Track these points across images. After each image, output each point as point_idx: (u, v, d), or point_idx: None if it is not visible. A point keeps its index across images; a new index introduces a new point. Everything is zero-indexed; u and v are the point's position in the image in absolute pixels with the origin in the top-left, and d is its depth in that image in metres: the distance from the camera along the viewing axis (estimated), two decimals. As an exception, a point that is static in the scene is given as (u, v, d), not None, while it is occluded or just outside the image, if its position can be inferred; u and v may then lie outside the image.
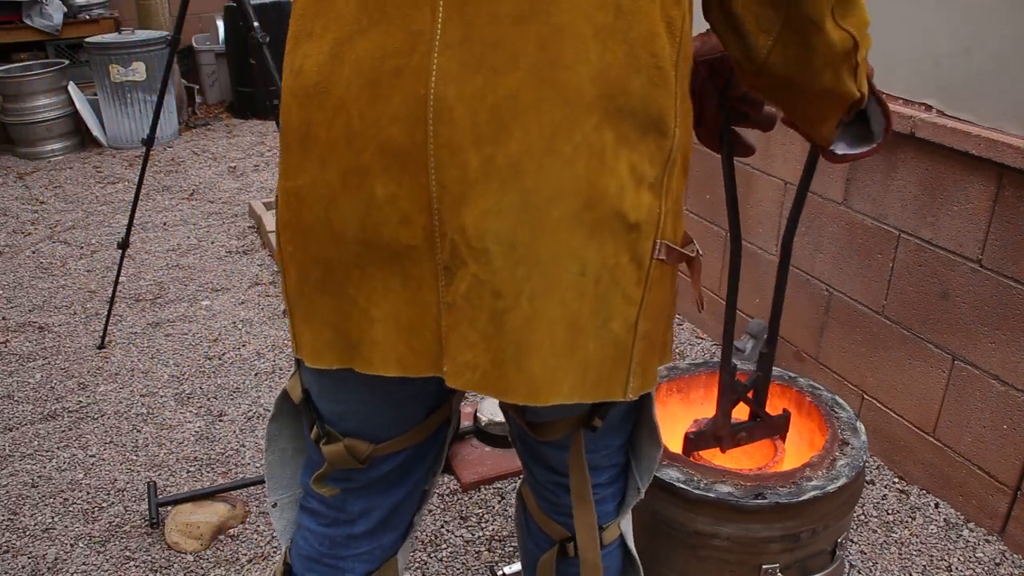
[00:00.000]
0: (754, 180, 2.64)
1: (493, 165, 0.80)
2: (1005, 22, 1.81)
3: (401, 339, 0.88)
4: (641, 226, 0.87)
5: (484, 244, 0.82)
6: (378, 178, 0.83)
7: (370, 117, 0.82)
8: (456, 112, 0.80)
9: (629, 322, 0.90)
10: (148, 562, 1.99)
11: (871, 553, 2.00)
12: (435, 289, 0.85)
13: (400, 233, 0.84)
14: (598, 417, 1.03)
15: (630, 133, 0.83)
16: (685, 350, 2.91)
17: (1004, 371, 1.94)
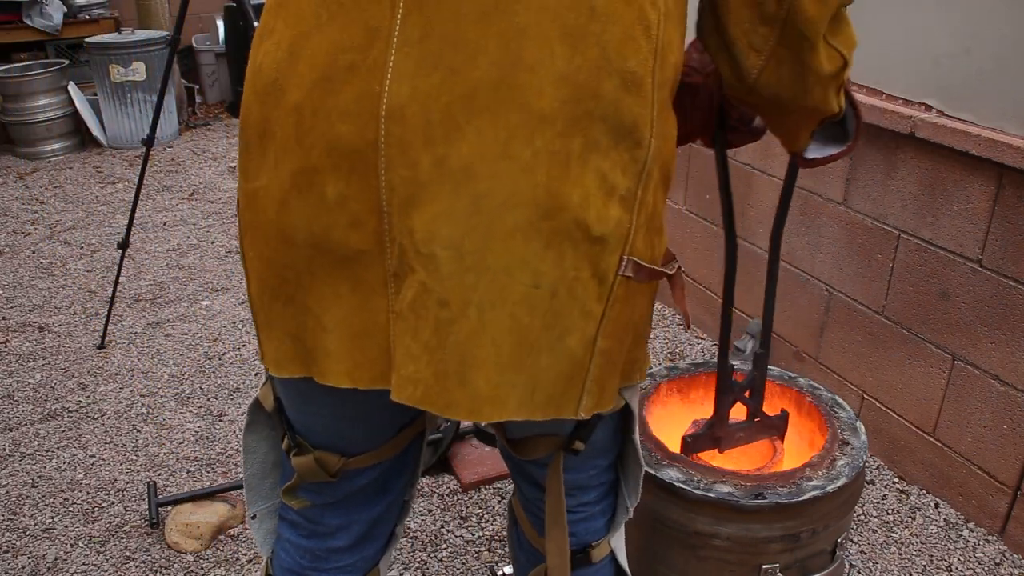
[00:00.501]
0: (754, 180, 2.64)
1: (444, 167, 0.77)
2: (1005, 22, 1.81)
3: (353, 348, 0.85)
4: (607, 239, 0.82)
5: (432, 249, 0.78)
6: (327, 178, 0.80)
7: (321, 113, 0.79)
8: (409, 111, 0.76)
9: (587, 338, 0.85)
10: (148, 562, 1.99)
11: (871, 553, 2.00)
12: (385, 296, 0.82)
13: (350, 237, 0.81)
14: (579, 440, 0.99)
15: (600, 139, 0.78)
16: (685, 350, 2.91)
17: (1004, 371, 1.94)
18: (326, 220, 0.81)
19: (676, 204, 3.06)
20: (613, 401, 0.93)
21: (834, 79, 0.95)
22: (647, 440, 1.48)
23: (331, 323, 0.85)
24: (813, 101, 0.96)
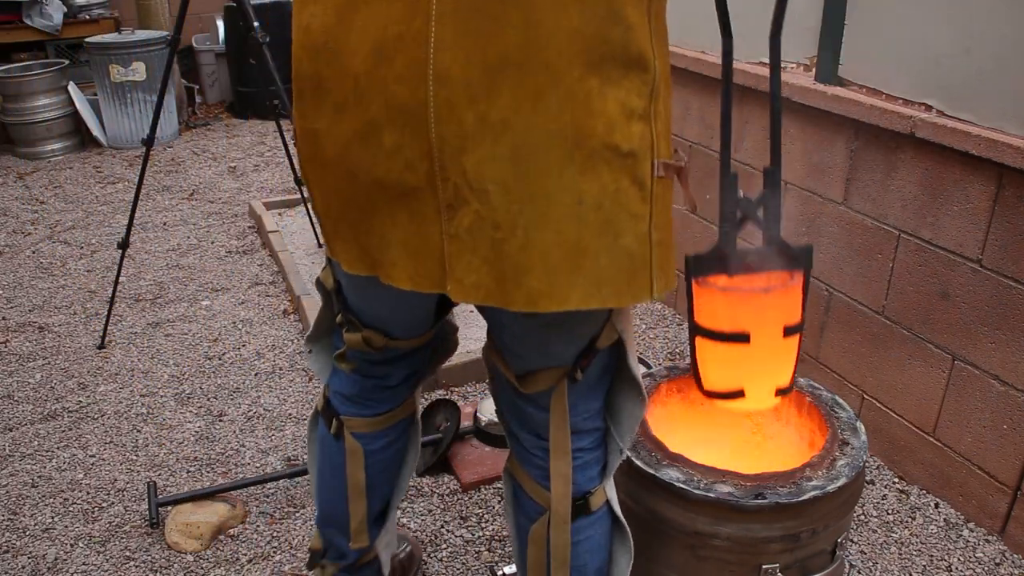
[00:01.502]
0: (754, 180, 2.63)
1: (486, 121, 0.93)
2: (1005, 22, 1.81)
3: (413, 261, 1.04)
4: (636, 153, 0.98)
5: (484, 186, 0.95)
6: (385, 129, 0.97)
7: (376, 76, 0.95)
8: (452, 74, 0.92)
9: (640, 235, 1.01)
10: (148, 562, 1.99)
11: (871, 553, 2.00)
12: (438, 223, 1.00)
13: (406, 177, 0.99)
14: (580, 369, 1.16)
15: (612, 74, 0.94)
16: (685, 350, 2.91)
17: (1004, 371, 1.94)
18: (385, 164, 0.99)
19: (676, 204, 3.05)
20: (675, 281, 1.11)
21: None
22: (646, 440, 1.48)
23: (394, 241, 1.04)
24: None
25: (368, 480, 1.45)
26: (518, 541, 1.38)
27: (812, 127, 2.35)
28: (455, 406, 2.33)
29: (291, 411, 2.57)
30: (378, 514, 1.54)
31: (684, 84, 2.89)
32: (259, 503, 2.18)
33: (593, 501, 1.26)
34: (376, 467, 1.46)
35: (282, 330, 3.06)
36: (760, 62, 2.56)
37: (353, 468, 1.44)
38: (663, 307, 3.20)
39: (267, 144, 5.38)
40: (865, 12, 2.16)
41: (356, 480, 1.44)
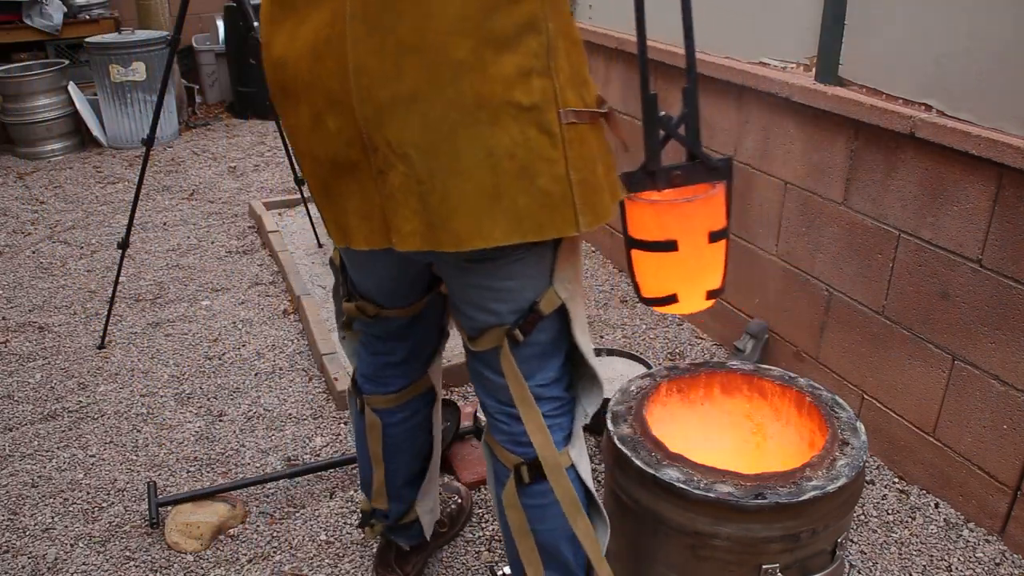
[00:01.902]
0: (754, 180, 2.64)
1: (397, 96, 1.11)
2: (1005, 22, 1.81)
3: (363, 224, 1.22)
4: (539, 105, 1.12)
5: (404, 150, 1.13)
6: (328, 117, 1.17)
7: (316, 74, 1.16)
8: (367, 65, 1.11)
9: (557, 175, 1.15)
10: (148, 562, 1.99)
11: (871, 553, 2.00)
12: (375, 187, 1.19)
13: (348, 152, 1.18)
14: (521, 331, 1.29)
15: (507, 42, 1.09)
16: (685, 350, 2.91)
17: (1004, 371, 1.94)
18: (333, 144, 1.19)
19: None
20: (610, 215, 1.23)
21: None
22: (647, 440, 1.48)
23: (350, 210, 1.23)
24: None
25: (387, 451, 1.67)
26: (498, 511, 1.47)
27: (812, 127, 2.35)
28: (455, 406, 2.33)
29: (291, 411, 2.57)
30: (408, 480, 1.74)
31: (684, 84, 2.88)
32: (259, 503, 2.18)
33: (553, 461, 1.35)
34: (395, 438, 1.67)
35: (282, 330, 3.06)
36: (760, 62, 2.56)
37: (372, 440, 1.67)
38: (663, 307, 3.20)
39: (267, 144, 5.38)
40: (865, 12, 2.16)
41: (375, 450, 1.68)
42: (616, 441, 1.47)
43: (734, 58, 2.65)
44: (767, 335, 2.68)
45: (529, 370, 1.33)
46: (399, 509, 1.78)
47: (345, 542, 2.04)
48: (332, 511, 2.14)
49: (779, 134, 2.49)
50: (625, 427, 1.52)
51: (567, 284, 1.29)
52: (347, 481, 2.25)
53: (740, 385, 1.67)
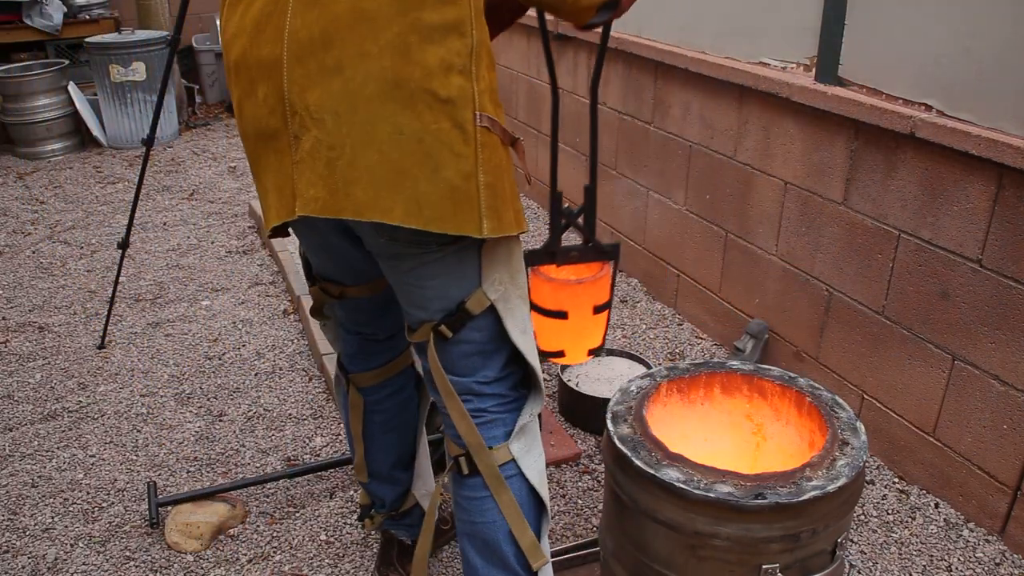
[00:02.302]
0: (754, 180, 2.64)
1: (324, 65, 1.17)
2: (1005, 22, 1.81)
3: (278, 197, 1.26)
4: (455, 100, 1.18)
5: (321, 116, 1.18)
6: (259, 84, 1.23)
7: (256, 44, 1.22)
8: (300, 34, 1.18)
9: (464, 172, 1.20)
10: (148, 562, 1.99)
11: (871, 553, 2.00)
12: (289, 154, 1.22)
13: (271, 120, 1.22)
14: (447, 327, 1.35)
15: (433, 35, 1.16)
16: (685, 350, 2.91)
17: (1004, 371, 1.94)
18: (260, 112, 1.24)
19: (676, 204, 3.07)
20: (513, 231, 1.28)
21: None
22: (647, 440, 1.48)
23: (269, 185, 1.27)
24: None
25: (372, 428, 1.72)
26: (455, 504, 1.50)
27: (812, 127, 2.35)
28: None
29: (291, 411, 2.57)
30: (399, 461, 1.78)
31: (684, 84, 2.89)
32: (259, 503, 2.18)
33: (497, 455, 1.39)
34: (382, 415, 1.72)
35: (282, 330, 3.06)
36: (760, 62, 2.56)
37: (354, 418, 1.72)
38: (663, 307, 3.20)
39: (267, 144, 5.37)
40: (865, 12, 2.16)
41: (356, 428, 1.73)
42: (616, 441, 1.47)
43: (734, 58, 2.66)
44: (767, 335, 2.68)
45: (470, 366, 1.39)
46: (396, 493, 1.80)
47: (345, 542, 2.04)
48: (332, 511, 2.14)
49: (779, 134, 2.49)
50: (625, 427, 1.52)
51: (498, 286, 1.33)
52: (347, 481, 2.25)
53: (740, 385, 1.67)
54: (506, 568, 1.43)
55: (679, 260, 3.11)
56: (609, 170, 3.49)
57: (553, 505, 2.15)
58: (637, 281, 3.40)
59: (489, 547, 1.42)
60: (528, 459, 1.43)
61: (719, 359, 2.61)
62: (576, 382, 2.54)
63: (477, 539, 1.43)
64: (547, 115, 3.97)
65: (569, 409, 2.51)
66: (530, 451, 1.43)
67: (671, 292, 3.19)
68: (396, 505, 1.82)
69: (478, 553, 1.44)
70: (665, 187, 3.12)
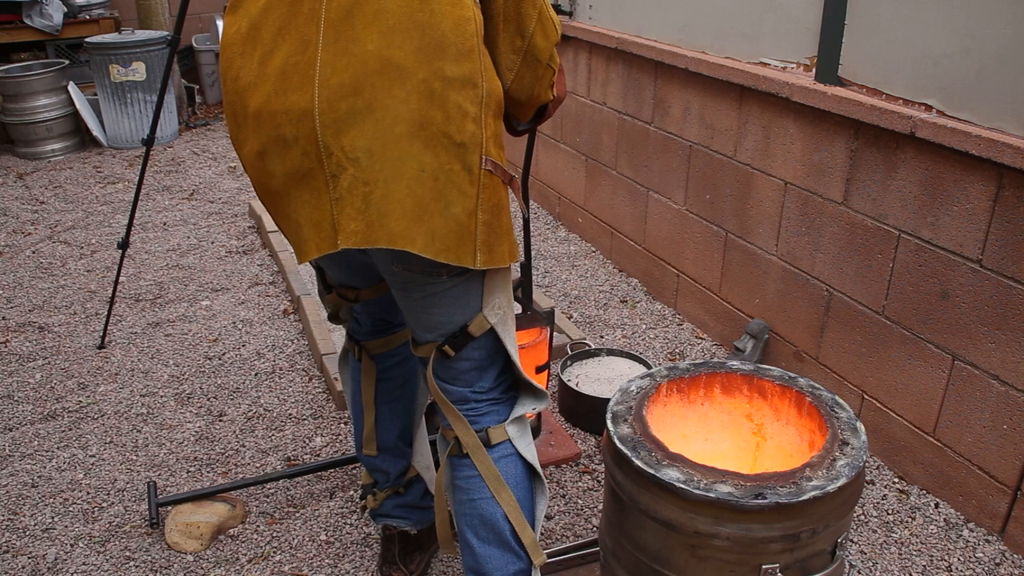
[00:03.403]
0: (754, 180, 2.64)
1: (355, 108, 1.26)
2: (1005, 22, 1.81)
3: (315, 233, 1.32)
4: (467, 144, 1.29)
5: (356, 155, 1.27)
6: (286, 127, 1.28)
7: (282, 92, 1.28)
8: (332, 81, 1.26)
9: (468, 210, 1.31)
10: (148, 562, 1.99)
11: (871, 553, 2.00)
12: (327, 191, 1.30)
13: (303, 161, 1.29)
14: (450, 347, 1.46)
15: (453, 83, 1.27)
16: (685, 350, 2.91)
17: (1004, 371, 1.94)
18: (291, 155, 1.30)
19: (676, 204, 3.06)
20: (505, 263, 1.39)
21: (550, 79, 1.49)
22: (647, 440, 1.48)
23: (303, 221, 1.33)
24: (539, 95, 1.49)
25: (381, 395, 1.82)
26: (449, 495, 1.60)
27: (812, 127, 2.35)
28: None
29: (291, 411, 2.57)
30: (402, 431, 1.86)
31: (684, 84, 2.89)
32: (259, 503, 2.18)
33: (492, 434, 1.51)
34: (391, 382, 1.82)
35: (282, 330, 3.06)
36: (760, 62, 2.56)
37: (367, 384, 1.81)
38: (663, 307, 3.20)
39: (267, 144, 5.37)
40: (865, 12, 2.16)
41: (368, 395, 1.81)
42: (616, 441, 1.47)
43: (734, 58, 2.65)
44: (767, 335, 2.68)
45: (468, 379, 1.51)
46: (401, 466, 1.87)
47: (345, 542, 2.04)
48: (332, 511, 2.14)
49: (779, 134, 2.49)
50: (625, 427, 1.52)
51: (497, 309, 1.46)
52: (347, 481, 2.25)
53: (740, 385, 1.66)
54: (503, 544, 1.52)
55: (679, 260, 3.11)
56: (609, 170, 3.49)
57: (553, 505, 2.15)
58: (637, 281, 3.40)
59: (487, 524, 1.51)
60: (523, 441, 1.55)
61: (719, 359, 2.61)
62: (576, 382, 2.54)
63: (474, 518, 1.52)
64: (547, 115, 3.97)
65: (569, 409, 2.51)
66: (524, 434, 1.56)
67: (671, 292, 3.19)
68: (399, 478, 1.87)
69: (475, 533, 1.52)
70: (665, 187, 3.12)
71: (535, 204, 4.26)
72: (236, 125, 1.38)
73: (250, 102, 1.33)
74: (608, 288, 3.37)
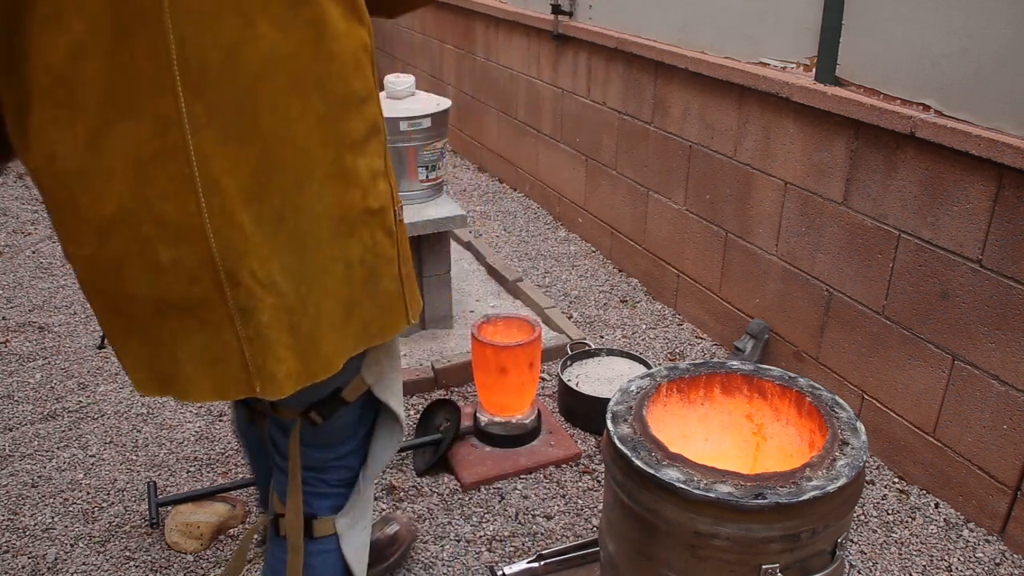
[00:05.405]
0: (754, 180, 2.64)
1: (262, 219, 0.97)
2: (1004, 22, 1.81)
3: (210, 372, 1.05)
4: (384, 207, 1.09)
5: (272, 279, 1.00)
6: (159, 247, 0.96)
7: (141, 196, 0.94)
8: (222, 183, 0.94)
9: (394, 275, 1.14)
10: (148, 562, 1.99)
11: (871, 553, 2.00)
12: (233, 328, 1.01)
13: (192, 289, 0.99)
14: (318, 414, 1.22)
15: (359, 144, 1.03)
16: (685, 350, 2.91)
17: (1004, 371, 1.94)
18: (166, 280, 0.98)
19: (676, 204, 3.06)
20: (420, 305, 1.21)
21: None
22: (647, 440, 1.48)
23: (184, 355, 1.04)
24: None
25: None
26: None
27: (812, 127, 2.35)
28: (455, 406, 2.33)
29: (291, 411, 2.57)
30: None
31: (684, 84, 2.89)
32: (259, 503, 2.18)
33: (317, 526, 1.30)
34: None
35: (282, 330, 3.06)
36: (760, 62, 2.56)
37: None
38: (663, 307, 3.20)
39: (267, 144, 5.37)
40: (863, 12, 2.16)
41: None
42: (616, 441, 1.47)
43: (734, 58, 2.65)
44: (767, 335, 2.68)
45: (332, 442, 1.29)
46: None
47: (345, 542, 2.04)
48: (332, 511, 2.14)
49: (779, 134, 2.49)
50: (625, 427, 1.52)
51: (375, 366, 1.24)
52: (347, 481, 2.25)
53: (740, 385, 1.66)
54: None
55: (679, 260, 3.11)
56: (609, 170, 3.49)
57: (553, 505, 2.16)
58: (637, 281, 3.40)
59: None
60: (351, 533, 1.34)
61: (719, 359, 2.61)
62: (576, 382, 2.54)
63: None
64: (547, 115, 3.97)
65: (569, 409, 2.51)
66: (353, 527, 1.35)
67: (671, 292, 3.19)
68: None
69: None
70: (665, 187, 3.12)
71: (535, 204, 4.26)
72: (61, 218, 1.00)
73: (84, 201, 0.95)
74: (608, 288, 3.37)
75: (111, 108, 0.91)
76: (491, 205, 4.32)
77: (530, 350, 2.27)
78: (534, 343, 2.28)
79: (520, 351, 2.24)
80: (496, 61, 4.43)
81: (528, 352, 2.27)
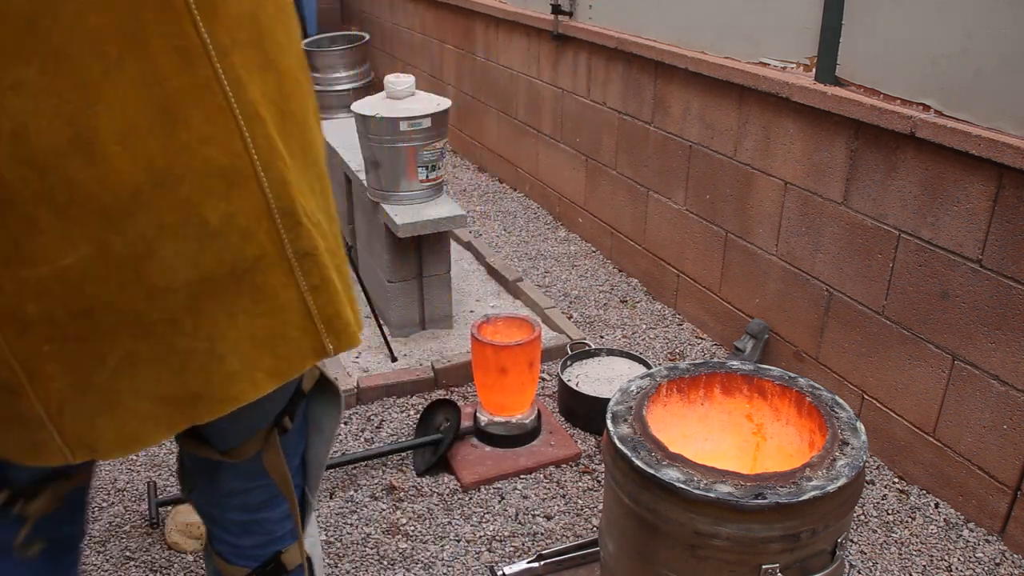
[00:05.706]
0: (754, 180, 2.64)
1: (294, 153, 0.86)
2: (1004, 22, 1.81)
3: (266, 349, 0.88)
4: None
5: (317, 218, 0.88)
6: (206, 206, 0.78)
7: (174, 148, 0.76)
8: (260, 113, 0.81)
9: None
10: (148, 562, 1.99)
11: (871, 553, 2.00)
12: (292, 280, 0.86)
13: (244, 249, 0.82)
14: (287, 416, 1.04)
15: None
16: (685, 350, 2.91)
17: (1004, 371, 1.94)
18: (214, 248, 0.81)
19: (676, 204, 3.06)
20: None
21: None
22: (647, 440, 1.48)
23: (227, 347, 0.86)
24: None
25: None
26: None
27: (812, 127, 2.35)
28: (455, 406, 2.33)
29: (291, 411, 2.57)
30: None
31: (684, 84, 2.89)
32: (259, 503, 2.18)
33: (286, 558, 1.17)
34: None
35: (282, 330, 3.06)
36: (760, 62, 2.56)
37: None
38: (663, 307, 3.20)
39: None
40: (863, 12, 2.16)
41: None
42: (616, 441, 1.47)
43: (734, 58, 2.65)
44: (767, 335, 2.68)
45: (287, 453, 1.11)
46: None
47: (345, 542, 2.04)
48: (332, 511, 2.14)
49: (779, 134, 2.49)
50: (625, 427, 1.52)
51: None
52: (347, 481, 2.25)
53: (740, 385, 1.67)
54: None
55: (679, 260, 3.11)
56: (609, 170, 3.49)
57: (553, 505, 2.16)
58: (637, 281, 3.40)
59: None
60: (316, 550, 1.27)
61: (719, 359, 2.61)
62: (576, 382, 2.54)
63: None
64: (547, 115, 3.97)
65: (569, 409, 2.51)
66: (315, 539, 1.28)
67: (671, 292, 3.19)
68: None
69: None
70: (665, 187, 3.12)
71: (535, 204, 4.26)
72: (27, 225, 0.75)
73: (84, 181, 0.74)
74: (608, 288, 3.37)
75: (112, 47, 0.71)
76: (491, 205, 4.32)
77: (530, 350, 2.28)
78: (534, 343, 2.28)
79: (520, 351, 2.25)
80: (496, 61, 4.43)
81: (528, 352, 2.27)
